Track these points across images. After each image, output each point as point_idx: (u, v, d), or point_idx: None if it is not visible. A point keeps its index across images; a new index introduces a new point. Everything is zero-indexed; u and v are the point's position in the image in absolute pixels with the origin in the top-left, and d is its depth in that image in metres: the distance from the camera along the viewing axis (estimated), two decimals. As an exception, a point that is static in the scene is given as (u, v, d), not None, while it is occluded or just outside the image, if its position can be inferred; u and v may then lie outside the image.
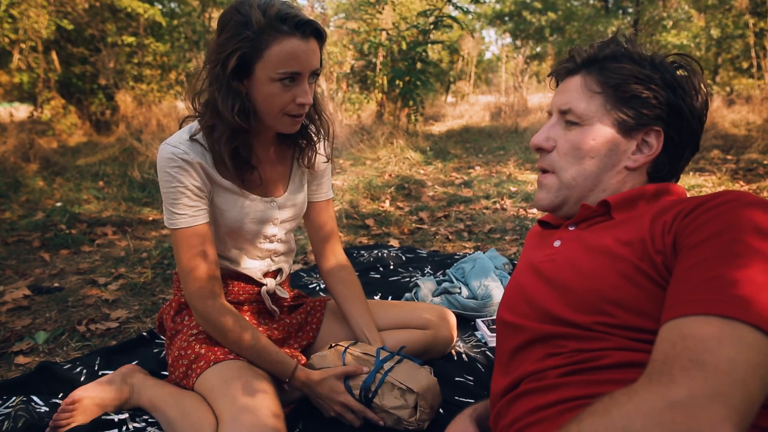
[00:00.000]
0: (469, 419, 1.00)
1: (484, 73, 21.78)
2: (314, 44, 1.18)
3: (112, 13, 8.72)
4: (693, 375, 0.56)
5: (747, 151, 5.79)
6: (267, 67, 1.15)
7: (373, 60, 8.21)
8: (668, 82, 0.90)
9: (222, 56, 1.15)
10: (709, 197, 0.76)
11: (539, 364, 0.81)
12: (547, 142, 0.96)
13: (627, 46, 0.94)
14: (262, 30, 1.13)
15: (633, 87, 0.90)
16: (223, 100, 1.17)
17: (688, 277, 0.67)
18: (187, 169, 1.22)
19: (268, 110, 1.21)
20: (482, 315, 1.92)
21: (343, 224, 3.46)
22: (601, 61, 0.94)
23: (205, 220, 1.27)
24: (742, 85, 12.42)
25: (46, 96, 7.94)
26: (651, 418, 0.54)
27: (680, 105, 0.90)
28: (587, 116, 0.92)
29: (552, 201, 0.97)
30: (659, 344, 0.63)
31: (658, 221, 0.79)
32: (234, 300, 1.41)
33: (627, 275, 0.76)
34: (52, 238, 3.12)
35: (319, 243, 1.54)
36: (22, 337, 1.90)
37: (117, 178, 4.84)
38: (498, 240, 3.07)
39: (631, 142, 0.92)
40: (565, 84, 0.97)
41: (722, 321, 0.60)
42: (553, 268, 0.87)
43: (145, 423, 1.31)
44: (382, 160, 5.66)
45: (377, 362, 1.28)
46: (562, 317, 0.81)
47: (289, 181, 1.42)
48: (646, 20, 12.15)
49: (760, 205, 0.72)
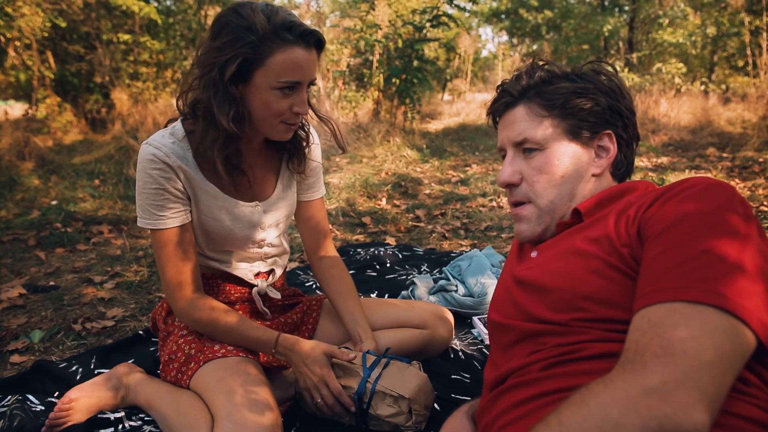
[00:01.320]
0: (465, 416, 1.00)
1: (481, 71, 21.79)
2: (315, 54, 1.17)
3: (107, 11, 8.68)
4: (664, 361, 0.58)
5: (742, 148, 5.81)
6: (268, 74, 1.13)
7: (369, 58, 8.20)
8: (602, 89, 0.96)
9: (220, 60, 1.11)
10: (669, 187, 0.78)
11: (524, 360, 0.83)
12: (514, 176, 0.99)
13: (549, 67, 0.99)
14: (267, 36, 1.10)
15: (575, 101, 0.94)
16: (220, 105, 1.14)
17: (655, 266, 0.69)
18: (168, 171, 1.20)
19: (264, 117, 1.19)
20: (478, 312, 1.92)
21: (339, 222, 3.46)
22: (536, 87, 0.97)
23: (185, 221, 1.26)
24: (738, 83, 12.45)
25: (42, 94, 7.91)
26: (627, 406, 0.56)
27: (618, 105, 0.96)
28: (545, 140, 0.95)
29: (534, 230, 0.98)
30: (631, 333, 0.65)
31: (622, 217, 0.81)
32: (226, 300, 1.41)
33: (597, 270, 0.78)
34: (48, 236, 3.11)
35: (311, 240, 1.53)
36: (18, 335, 1.89)
37: (113, 176, 4.82)
38: (494, 238, 3.07)
39: (589, 151, 0.97)
40: (509, 117, 1.00)
41: (688, 306, 0.62)
42: (531, 275, 0.90)
43: (141, 421, 1.31)
44: (378, 158, 5.66)
45: (365, 370, 1.26)
46: (542, 317, 0.83)
47: (277, 183, 1.40)
48: (642, 18, 12.16)
49: (719, 187, 0.73)
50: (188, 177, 1.24)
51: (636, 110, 1.02)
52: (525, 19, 15.67)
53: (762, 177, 4.31)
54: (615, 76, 0.99)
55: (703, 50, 12.76)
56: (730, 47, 12.71)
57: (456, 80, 17.68)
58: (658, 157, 5.69)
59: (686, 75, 11.28)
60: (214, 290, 1.41)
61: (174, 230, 1.24)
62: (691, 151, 6.12)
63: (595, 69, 1.00)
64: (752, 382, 0.65)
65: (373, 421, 1.24)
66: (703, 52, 12.98)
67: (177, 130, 1.24)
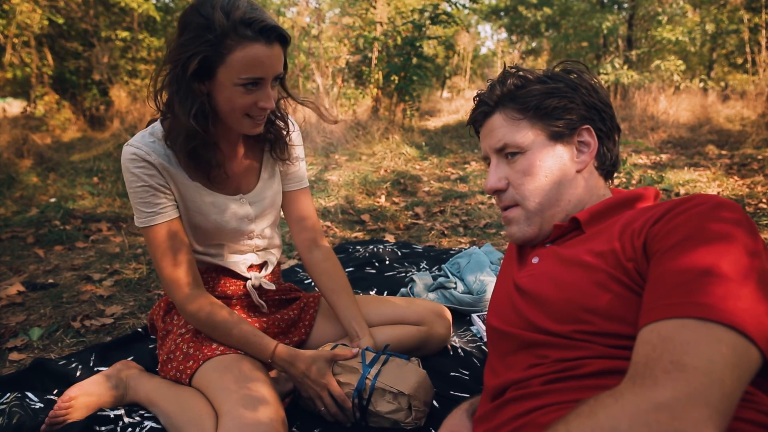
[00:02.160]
0: (465, 414, 1.01)
1: (480, 69, 21.76)
2: (278, 49, 1.16)
3: (105, 8, 8.66)
4: (675, 377, 0.58)
5: (741, 146, 5.82)
6: (230, 72, 1.12)
7: (368, 55, 8.19)
8: (573, 86, 0.97)
9: (182, 57, 1.12)
10: (677, 202, 0.79)
11: (524, 373, 0.83)
12: (500, 182, 1.00)
13: (521, 73, 1.00)
14: (225, 34, 1.09)
15: (549, 102, 0.96)
16: (181, 101, 1.15)
17: (663, 281, 0.70)
18: (150, 168, 1.22)
19: (229, 112, 1.20)
20: (477, 310, 1.92)
21: (338, 219, 3.46)
22: (509, 93, 0.99)
23: (173, 216, 1.27)
24: (737, 81, 12.46)
25: (40, 91, 7.89)
26: (637, 420, 0.56)
27: (592, 100, 0.97)
28: (525, 142, 0.97)
29: (525, 232, 0.99)
30: (639, 347, 0.65)
31: (627, 230, 0.82)
32: (222, 295, 1.41)
33: (602, 283, 0.79)
34: (47, 234, 3.11)
35: (300, 234, 1.52)
36: (17, 333, 1.89)
37: (111, 173, 4.82)
38: (493, 235, 3.08)
39: (570, 148, 0.98)
40: (487, 126, 1.02)
41: (698, 323, 0.62)
42: (532, 283, 0.90)
43: (141, 418, 1.31)
44: (377, 155, 5.66)
45: (364, 367, 1.26)
46: (543, 327, 0.84)
47: (260, 174, 1.41)
48: (641, 15, 12.15)
49: (728, 207, 0.74)
50: (171, 174, 1.25)
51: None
52: (524, 16, 15.64)
53: (761, 174, 4.31)
54: (587, 72, 1.01)
55: (702, 47, 12.76)
56: (729, 44, 12.71)
57: (455, 77, 17.68)
58: (657, 154, 5.69)
59: (685, 72, 11.28)
60: (209, 284, 1.41)
61: (163, 225, 1.25)
62: (690, 148, 6.12)
63: (566, 69, 1.01)
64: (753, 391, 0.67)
65: (373, 417, 1.24)
66: (702, 49, 12.97)
67: (156, 129, 1.26)
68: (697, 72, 13.31)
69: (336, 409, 1.25)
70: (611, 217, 0.92)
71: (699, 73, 13.15)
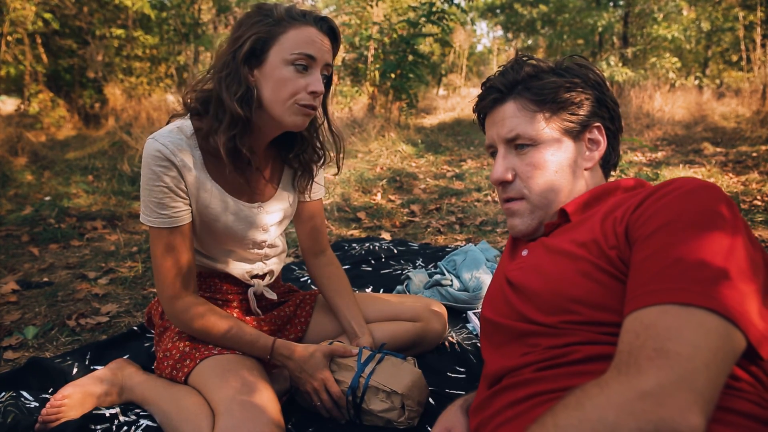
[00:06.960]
0: (459, 410, 1.01)
1: (476, 66, 21.77)
2: (329, 41, 1.21)
3: (99, 5, 8.62)
4: (659, 364, 0.58)
5: (736, 143, 5.84)
6: (282, 49, 1.15)
7: (364, 53, 8.17)
8: (589, 82, 0.96)
9: (235, 47, 1.15)
10: (656, 188, 0.78)
11: (517, 361, 0.84)
12: (507, 173, 0.97)
13: (534, 62, 0.98)
14: (282, 18, 1.16)
15: (565, 96, 0.94)
16: (228, 85, 1.16)
17: (645, 268, 0.69)
18: (172, 169, 1.18)
19: (278, 98, 1.17)
20: (473, 307, 1.92)
21: (334, 217, 3.46)
22: (524, 82, 0.97)
23: (185, 222, 1.23)
24: (732, 78, 12.50)
25: (34, 89, 7.85)
26: (623, 409, 0.56)
27: (604, 97, 0.97)
28: (537, 135, 0.95)
29: (528, 225, 0.98)
30: (624, 336, 0.65)
31: (609, 218, 0.82)
32: (222, 298, 1.40)
33: (586, 273, 0.79)
34: (41, 232, 3.10)
35: (307, 238, 1.52)
36: (11, 332, 1.88)
37: (106, 171, 4.80)
38: (489, 232, 3.08)
39: (581, 145, 0.97)
40: (498, 114, 0.99)
41: (680, 308, 0.62)
42: (521, 275, 0.90)
43: (137, 416, 1.31)
44: (373, 153, 5.66)
45: (359, 365, 1.27)
46: (533, 318, 0.84)
47: (279, 185, 1.39)
48: (636, 12, 12.17)
49: (706, 188, 0.73)
50: (192, 175, 1.21)
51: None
52: (520, 13, 15.65)
53: (755, 171, 4.33)
54: (597, 68, 1.00)
55: (697, 45, 12.80)
56: (725, 42, 12.75)
57: (451, 75, 17.68)
58: (652, 152, 5.71)
59: (680, 70, 11.32)
60: (210, 288, 1.40)
61: (173, 230, 1.22)
62: (686, 145, 6.14)
63: (578, 63, 1.00)
64: (741, 377, 0.66)
65: (367, 416, 1.24)
66: (698, 46, 13.02)
67: (185, 126, 1.22)
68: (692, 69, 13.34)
69: (332, 404, 1.25)
70: (595, 206, 0.92)
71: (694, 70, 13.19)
